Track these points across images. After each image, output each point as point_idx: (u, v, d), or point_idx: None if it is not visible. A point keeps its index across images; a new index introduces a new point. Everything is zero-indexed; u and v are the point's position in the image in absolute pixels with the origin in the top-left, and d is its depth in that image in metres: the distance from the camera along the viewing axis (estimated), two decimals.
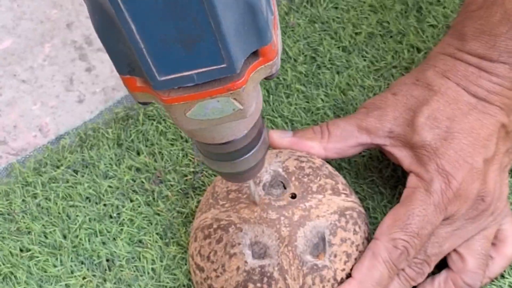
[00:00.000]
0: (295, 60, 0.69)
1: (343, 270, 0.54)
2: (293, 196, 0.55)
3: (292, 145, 0.59)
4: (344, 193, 0.57)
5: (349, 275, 0.55)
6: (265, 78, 0.38)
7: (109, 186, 0.65)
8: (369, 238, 0.57)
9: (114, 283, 0.61)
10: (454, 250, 0.57)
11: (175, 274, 0.61)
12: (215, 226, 0.56)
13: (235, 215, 0.55)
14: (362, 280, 0.53)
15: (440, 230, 0.55)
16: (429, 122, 0.55)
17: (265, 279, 0.53)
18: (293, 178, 0.56)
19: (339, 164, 0.65)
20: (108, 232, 0.63)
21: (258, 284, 0.53)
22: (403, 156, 0.56)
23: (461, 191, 0.54)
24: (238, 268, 0.54)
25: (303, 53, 0.70)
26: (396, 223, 0.54)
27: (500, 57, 0.55)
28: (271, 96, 0.68)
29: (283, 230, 0.54)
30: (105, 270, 0.62)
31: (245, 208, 0.55)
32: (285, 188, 0.56)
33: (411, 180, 0.55)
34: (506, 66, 0.55)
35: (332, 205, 0.55)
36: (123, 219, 0.63)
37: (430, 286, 0.57)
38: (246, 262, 0.54)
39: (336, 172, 0.59)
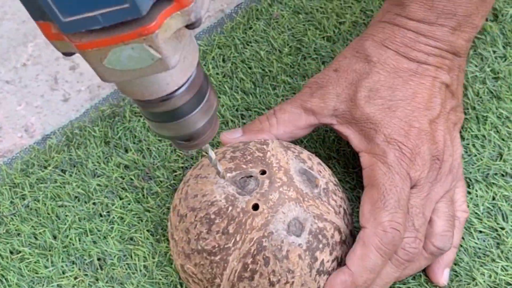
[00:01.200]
0: (280, 52, 0.69)
1: (330, 174, 0.58)
2: (262, 172, 0.56)
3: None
4: (264, 139, 0.58)
5: (333, 175, 0.58)
6: (187, 27, 0.38)
7: (98, 185, 0.65)
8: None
9: (106, 282, 0.61)
10: None
11: (167, 270, 0.61)
12: (249, 260, 0.53)
13: (255, 232, 0.53)
14: (356, 270, 0.53)
15: (415, 199, 0.55)
16: (371, 94, 0.56)
17: (320, 236, 0.54)
18: (243, 166, 0.56)
19: (328, 154, 0.65)
20: (99, 231, 0.63)
21: (321, 245, 0.54)
22: (351, 134, 0.57)
23: (415, 155, 0.54)
24: (300, 256, 0.53)
25: (288, 44, 0.69)
26: (376, 205, 0.54)
27: (438, 19, 0.55)
28: (257, 88, 0.68)
29: (291, 195, 0.54)
30: (97, 269, 0.61)
31: (253, 219, 0.53)
32: (251, 176, 0.55)
33: (365, 160, 0.56)
34: (444, 29, 0.56)
35: (278, 149, 0.57)
36: (113, 217, 0.63)
37: None
38: (300, 245, 0.53)
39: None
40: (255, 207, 0.54)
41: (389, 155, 0.54)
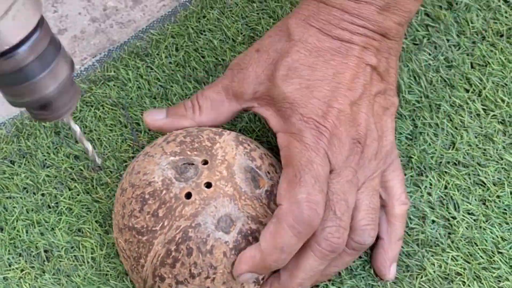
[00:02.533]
0: (233, 40, 0.68)
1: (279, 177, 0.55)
2: (205, 162, 0.55)
3: (166, 127, 0.59)
4: (222, 130, 0.57)
5: None
6: None
7: (47, 175, 0.64)
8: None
9: (53, 274, 0.60)
10: None
11: (115, 263, 0.60)
12: (173, 247, 0.53)
13: (182, 220, 0.53)
14: (266, 247, 0.51)
15: (335, 185, 0.53)
16: (290, 73, 0.54)
17: (250, 238, 0.53)
18: (188, 153, 0.55)
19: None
20: (46, 222, 0.62)
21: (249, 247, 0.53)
22: (269, 115, 0.55)
23: (333, 136, 0.53)
24: (224, 254, 0.53)
25: (241, 33, 0.68)
26: (291, 182, 0.52)
27: None
28: (210, 77, 0.67)
29: (227, 190, 0.53)
30: (44, 261, 0.60)
31: (183, 207, 0.53)
32: (192, 164, 0.55)
33: (281, 139, 0.54)
34: (371, 8, 0.54)
35: (230, 143, 0.56)
36: (62, 208, 0.62)
37: None
38: (226, 242, 0.52)
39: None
40: (188, 195, 0.54)
41: (306, 133, 0.53)
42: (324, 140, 0.53)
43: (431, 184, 0.61)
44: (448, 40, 0.66)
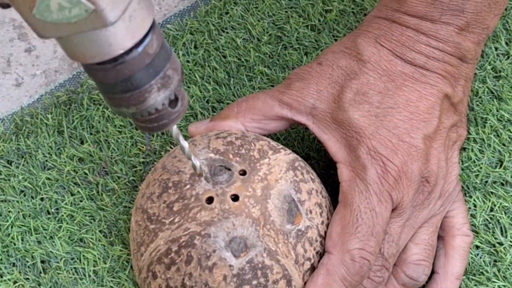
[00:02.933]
0: (258, 40, 0.62)
1: (323, 223, 0.49)
2: (243, 172, 0.49)
3: (209, 130, 0.53)
4: (281, 148, 0.51)
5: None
6: None
7: (48, 178, 0.58)
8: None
9: (50, 287, 0.53)
10: None
11: (119, 277, 0.53)
12: (175, 248, 0.48)
13: (194, 224, 0.47)
14: None
15: (392, 225, 0.49)
16: (358, 98, 0.49)
17: (259, 273, 0.47)
18: (230, 156, 0.49)
19: (307, 153, 0.58)
20: (45, 229, 0.55)
21: (254, 282, 0.47)
22: (329, 140, 0.50)
23: (402, 174, 0.48)
24: (225, 277, 0.46)
25: (267, 32, 0.63)
26: (346, 229, 0.47)
27: (442, 16, 0.48)
28: (231, 79, 0.61)
29: (253, 211, 0.47)
30: (40, 272, 0.54)
31: (200, 210, 0.48)
32: (228, 169, 0.49)
33: (342, 173, 0.49)
34: (449, 28, 0.49)
35: (281, 164, 0.50)
36: (62, 215, 0.56)
37: None
38: (231, 266, 0.46)
39: (258, 134, 0.53)
40: (210, 200, 0.48)
41: (370, 171, 0.48)
42: (390, 180, 0.48)
43: (475, 206, 0.55)
44: (496, 49, 0.60)
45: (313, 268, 0.48)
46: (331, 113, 0.50)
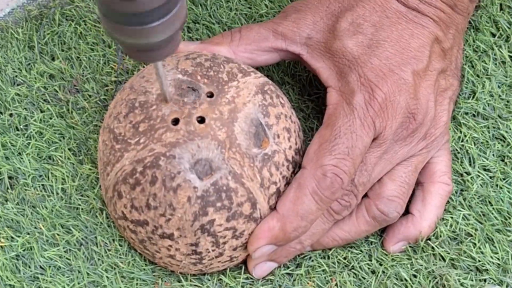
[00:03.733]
0: None
1: (290, 148, 0.49)
2: (210, 94, 0.49)
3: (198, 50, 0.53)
4: (252, 71, 0.51)
5: (298, 151, 0.50)
6: None
7: (17, 94, 0.57)
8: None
9: (17, 204, 0.53)
10: None
11: (87, 196, 0.53)
12: (140, 168, 0.47)
13: (159, 145, 0.47)
14: (286, 214, 0.48)
15: (369, 154, 0.49)
16: (352, 28, 0.50)
17: (224, 195, 0.47)
18: (198, 77, 0.49)
19: (281, 78, 0.58)
20: (13, 145, 0.55)
21: (219, 204, 0.47)
22: (321, 68, 0.51)
23: (388, 103, 0.48)
24: (189, 199, 0.46)
25: None
26: (323, 147, 0.48)
27: None
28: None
29: (219, 134, 0.47)
30: (7, 188, 0.54)
31: (165, 132, 0.47)
32: (196, 91, 0.49)
33: (331, 96, 0.49)
34: None
35: (250, 87, 0.49)
36: (31, 132, 0.55)
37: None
38: (195, 188, 0.46)
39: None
40: (175, 121, 0.48)
41: (357, 96, 0.48)
42: (375, 107, 0.48)
43: None
44: None
45: (278, 192, 0.49)
46: (326, 42, 0.50)
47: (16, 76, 0.58)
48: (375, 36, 0.50)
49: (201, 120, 0.48)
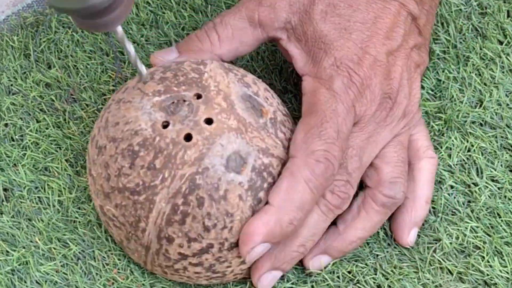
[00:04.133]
0: None
1: (278, 103, 0.50)
2: (198, 96, 0.48)
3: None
4: (201, 60, 0.51)
5: (282, 105, 0.50)
6: None
7: (12, 104, 0.56)
8: None
9: (12, 216, 0.52)
10: (369, 164, 0.51)
11: (85, 209, 0.52)
12: (180, 200, 0.46)
13: (186, 167, 0.46)
14: (281, 205, 0.46)
15: (355, 139, 0.49)
16: (329, 9, 0.50)
17: (265, 174, 0.47)
18: (175, 89, 0.48)
19: (284, 86, 0.57)
20: (8, 156, 0.54)
21: (265, 185, 0.47)
22: (297, 54, 0.50)
23: (365, 87, 0.49)
24: (240, 197, 0.46)
25: None
26: (310, 133, 0.47)
27: None
28: (209, 6, 0.60)
29: (231, 124, 0.47)
30: (2, 201, 0.53)
31: (185, 152, 0.46)
32: (184, 101, 0.47)
33: (307, 84, 0.49)
34: None
35: (218, 71, 0.49)
36: (27, 142, 0.54)
37: (349, 215, 0.50)
38: (240, 183, 0.46)
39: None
40: (188, 137, 0.46)
41: (336, 81, 0.48)
42: (354, 90, 0.48)
43: (452, 145, 0.54)
44: None
45: None
46: (302, 25, 0.50)
47: (12, 85, 0.56)
48: (351, 18, 0.49)
49: (209, 121, 0.47)
